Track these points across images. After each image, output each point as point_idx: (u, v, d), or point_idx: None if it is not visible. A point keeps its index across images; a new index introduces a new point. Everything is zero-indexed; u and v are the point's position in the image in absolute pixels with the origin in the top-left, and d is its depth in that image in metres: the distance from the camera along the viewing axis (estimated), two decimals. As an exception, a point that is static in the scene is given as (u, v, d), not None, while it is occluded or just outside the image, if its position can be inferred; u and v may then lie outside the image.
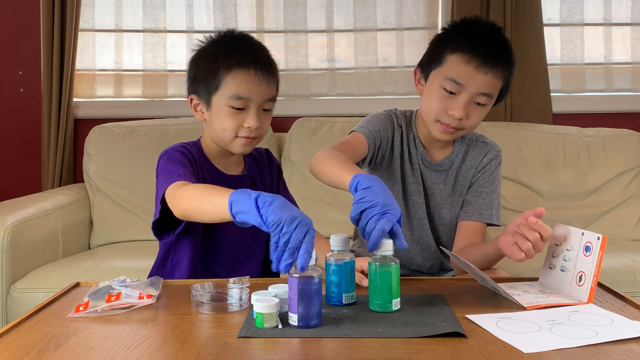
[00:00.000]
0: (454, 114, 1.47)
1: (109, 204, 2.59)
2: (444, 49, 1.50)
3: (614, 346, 0.94)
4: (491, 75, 1.46)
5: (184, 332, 1.02)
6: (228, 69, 1.38)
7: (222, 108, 1.39)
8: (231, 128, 1.39)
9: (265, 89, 1.40)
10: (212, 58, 1.41)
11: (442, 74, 1.49)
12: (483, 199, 1.60)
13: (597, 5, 2.92)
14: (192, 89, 1.46)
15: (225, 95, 1.38)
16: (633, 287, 2.02)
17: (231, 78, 1.38)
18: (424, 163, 1.62)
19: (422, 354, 0.91)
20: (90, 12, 2.89)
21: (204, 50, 1.46)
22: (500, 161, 1.64)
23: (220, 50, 1.41)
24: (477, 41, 1.46)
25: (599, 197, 2.60)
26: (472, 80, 1.46)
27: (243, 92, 1.38)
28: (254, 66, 1.38)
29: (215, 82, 1.39)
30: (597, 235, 1.16)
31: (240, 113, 1.39)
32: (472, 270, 1.23)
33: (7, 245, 2.00)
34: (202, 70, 1.43)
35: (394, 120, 1.61)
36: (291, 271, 1.03)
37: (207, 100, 1.42)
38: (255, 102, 1.39)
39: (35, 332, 1.03)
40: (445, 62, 1.49)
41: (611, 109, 2.90)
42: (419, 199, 1.62)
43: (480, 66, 1.45)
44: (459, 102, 1.46)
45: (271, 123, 2.66)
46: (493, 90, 1.49)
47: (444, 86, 1.48)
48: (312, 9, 2.92)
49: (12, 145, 2.88)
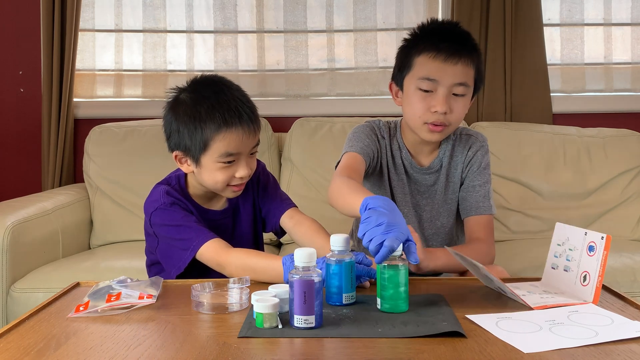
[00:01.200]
0: (437, 109, 1.50)
1: (109, 204, 2.58)
2: (410, 54, 1.55)
3: (614, 346, 0.94)
4: (461, 64, 1.51)
5: (184, 332, 1.02)
6: (216, 130, 1.37)
7: (212, 165, 1.40)
8: (223, 180, 1.41)
9: (253, 139, 1.42)
10: (195, 118, 1.38)
11: (415, 77, 1.53)
12: (477, 192, 1.61)
13: (597, 5, 2.91)
14: (175, 146, 1.44)
15: (214, 155, 1.39)
16: (633, 287, 2.02)
17: (219, 139, 1.37)
18: (413, 169, 1.64)
19: (422, 354, 0.91)
20: (90, 12, 2.88)
21: (181, 102, 1.42)
22: (487, 150, 1.66)
23: (202, 108, 1.38)
24: (439, 38, 1.52)
25: (599, 197, 2.60)
26: (444, 73, 1.50)
27: (233, 149, 1.39)
28: (241, 122, 1.38)
29: (202, 143, 1.38)
30: (601, 234, 1.15)
31: (230, 166, 1.41)
32: (478, 270, 1.23)
33: (7, 245, 2.00)
34: (187, 130, 1.39)
35: (377, 132, 1.64)
36: (291, 272, 1.03)
37: (195, 159, 1.41)
38: (245, 153, 1.41)
39: (35, 332, 1.03)
40: (414, 65, 1.54)
41: (611, 109, 2.90)
42: (405, 209, 1.65)
43: (448, 58, 1.50)
44: (439, 97, 1.50)
45: (271, 123, 2.71)
46: (467, 79, 1.53)
47: (419, 87, 1.52)
48: (312, 9, 2.92)
49: (12, 145, 2.88)
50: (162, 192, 1.45)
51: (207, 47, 2.91)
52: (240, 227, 1.55)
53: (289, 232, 1.55)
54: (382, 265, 1.11)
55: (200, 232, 1.39)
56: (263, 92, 2.92)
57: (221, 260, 1.36)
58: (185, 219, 1.41)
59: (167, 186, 1.47)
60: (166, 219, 1.42)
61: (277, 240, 2.59)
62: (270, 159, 2.63)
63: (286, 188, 2.57)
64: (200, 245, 1.37)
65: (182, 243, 1.39)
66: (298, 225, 1.51)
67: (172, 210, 1.42)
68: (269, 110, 2.85)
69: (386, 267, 1.10)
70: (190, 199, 1.49)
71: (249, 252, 1.37)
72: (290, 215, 1.53)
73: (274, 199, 1.57)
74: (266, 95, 2.92)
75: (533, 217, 2.57)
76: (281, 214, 1.54)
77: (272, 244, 2.56)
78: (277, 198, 1.57)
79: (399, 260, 1.11)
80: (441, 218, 1.66)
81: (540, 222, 2.56)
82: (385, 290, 1.10)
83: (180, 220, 1.41)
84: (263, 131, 2.64)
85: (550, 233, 1.28)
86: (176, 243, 1.40)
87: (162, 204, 1.43)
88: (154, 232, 1.45)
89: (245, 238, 1.55)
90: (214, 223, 1.48)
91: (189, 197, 1.49)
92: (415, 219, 1.66)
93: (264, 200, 1.57)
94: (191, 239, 1.38)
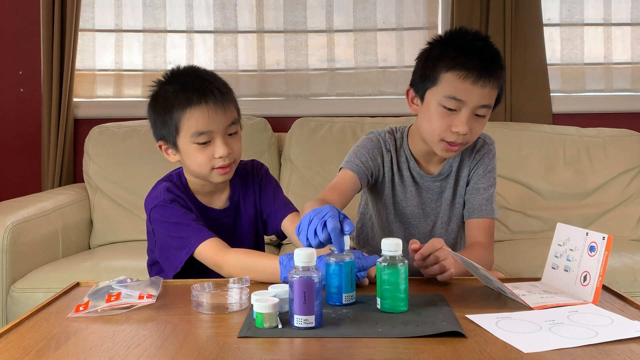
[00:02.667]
0: (459, 131, 1.46)
1: (109, 204, 2.58)
2: (436, 67, 1.48)
3: (614, 346, 0.94)
4: (489, 88, 1.46)
5: (184, 332, 1.02)
6: (182, 110, 1.40)
7: (188, 147, 1.42)
8: (204, 162, 1.42)
9: (223, 116, 1.42)
10: (164, 102, 1.44)
11: (439, 93, 1.47)
12: (482, 195, 1.61)
13: (597, 5, 2.91)
14: (157, 135, 1.49)
15: (187, 136, 1.41)
16: (633, 287, 2.02)
17: (186, 118, 1.40)
18: (422, 179, 1.62)
19: (422, 354, 0.91)
20: (90, 12, 2.88)
21: (157, 94, 1.48)
22: (494, 154, 1.64)
23: (169, 92, 1.43)
24: (468, 56, 1.45)
25: (599, 197, 2.60)
26: (471, 95, 1.45)
27: (202, 127, 1.40)
28: (205, 100, 1.40)
29: (172, 125, 1.42)
30: (603, 235, 1.15)
31: (207, 146, 1.42)
32: (477, 271, 1.23)
33: (7, 245, 2.00)
34: (160, 116, 1.45)
35: (382, 146, 1.61)
36: (291, 272, 1.03)
37: (173, 144, 1.45)
38: (218, 131, 1.41)
39: (35, 332, 1.03)
40: (440, 81, 1.47)
41: (611, 109, 2.89)
42: (415, 220, 1.64)
43: (477, 80, 1.44)
44: (462, 118, 1.46)
45: (271, 123, 2.71)
46: (491, 101, 1.49)
47: (443, 104, 1.46)
48: (312, 9, 2.91)
49: (12, 145, 2.88)
50: (163, 188, 1.45)
51: (207, 47, 2.91)
52: (241, 226, 1.55)
53: (289, 237, 1.55)
54: (382, 265, 1.11)
55: (198, 231, 1.39)
56: (263, 92, 2.92)
57: (219, 260, 1.36)
58: (184, 216, 1.42)
59: (169, 183, 1.48)
60: (165, 215, 1.42)
61: (278, 241, 2.59)
62: (270, 159, 2.63)
63: (286, 188, 2.57)
64: (198, 244, 1.37)
65: (179, 241, 1.39)
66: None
67: (171, 207, 1.42)
68: (269, 110, 2.85)
69: (386, 267, 1.10)
70: (192, 196, 1.50)
71: (247, 252, 1.37)
72: (291, 219, 1.53)
73: (276, 203, 1.57)
74: (266, 95, 2.92)
75: (533, 217, 2.57)
76: (283, 217, 1.54)
77: (273, 244, 2.56)
78: (279, 202, 1.57)
79: (399, 260, 1.11)
80: (451, 223, 1.66)
81: (540, 222, 2.56)
82: (385, 290, 1.10)
83: (179, 218, 1.41)
84: (263, 131, 2.67)
85: (550, 233, 1.28)
86: (173, 242, 1.40)
87: (161, 200, 1.43)
88: (153, 230, 1.45)
89: (246, 237, 1.55)
90: (214, 222, 1.49)
91: (191, 194, 1.50)
92: (429, 227, 1.65)
93: (266, 203, 1.57)
94: (188, 237, 1.38)
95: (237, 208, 1.55)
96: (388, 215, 1.64)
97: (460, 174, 1.63)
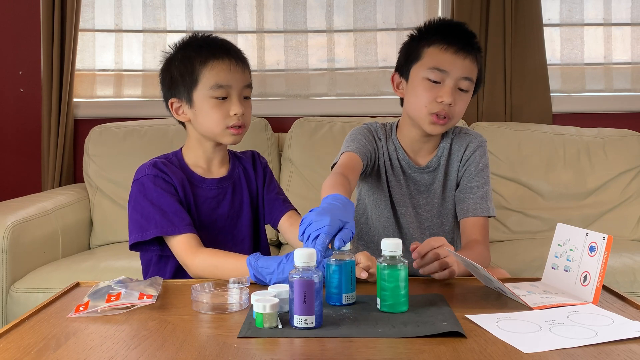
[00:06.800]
0: (444, 100, 1.52)
1: (109, 204, 2.59)
2: (419, 45, 1.58)
3: (614, 346, 0.94)
4: (469, 60, 1.54)
5: (184, 332, 1.02)
6: (204, 62, 1.43)
7: (205, 102, 1.43)
8: (218, 119, 1.43)
9: (242, 75, 1.46)
10: (185, 58, 1.46)
11: (423, 66, 1.55)
12: (475, 193, 1.61)
13: (597, 5, 2.92)
14: (169, 93, 1.49)
15: (205, 88, 1.43)
16: (633, 287, 2.02)
17: (208, 70, 1.43)
18: (410, 169, 1.64)
19: (422, 354, 0.91)
20: (90, 12, 2.89)
21: (174, 56, 1.49)
22: (485, 151, 1.66)
23: (191, 50, 1.46)
24: (449, 32, 1.56)
25: (599, 197, 2.60)
26: (454, 65, 1.53)
27: (222, 80, 1.42)
28: (228, 56, 1.44)
29: (193, 78, 1.44)
30: (603, 235, 1.15)
31: (223, 103, 1.43)
32: (477, 270, 1.23)
33: (7, 245, 2.00)
34: (178, 71, 1.46)
35: (374, 134, 1.65)
36: (291, 272, 1.03)
37: (188, 99, 1.45)
38: (236, 88, 1.44)
39: (35, 332, 1.03)
40: (423, 56, 1.56)
41: (611, 109, 2.90)
42: (402, 210, 1.65)
43: (459, 51, 1.53)
44: (446, 88, 1.52)
45: (271, 123, 2.71)
46: (472, 75, 1.56)
47: (428, 77, 1.54)
48: (312, 9, 2.92)
49: (12, 145, 2.88)
50: (150, 163, 1.46)
51: (207, 47, 2.91)
52: (240, 201, 1.54)
53: (284, 233, 1.57)
54: (382, 265, 1.11)
55: (170, 223, 1.39)
56: (263, 92, 2.92)
57: (186, 260, 1.37)
58: (162, 198, 1.41)
59: (160, 159, 1.48)
60: (143, 191, 1.42)
61: (277, 240, 2.59)
62: (270, 159, 2.63)
63: (286, 188, 2.57)
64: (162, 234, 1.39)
65: (145, 222, 1.40)
66: (293, 227, 1.51)
67: (152, 185, 1.42)
68: (269, 110, 2.85)
69: (386, 267, 1.10)
70: (189, 171, 1.49)
71: (215, 253, 1.37)
72: (289, 216, 1.55)
73: (277, 196, 1.58)
74: (266, 95, 2.92)
75: (533, 217, 2.57)
76: (282, 214, 1.55)
77: (273, 244, 2.56)
78: (279, 197, 1.59)
79: (399, 260, 1.11)
80: (441, 217, 1.67)
81: (540, 222, 2.56)
82: (385, 290, 1.10)
83: (157, 199, 1.41)
84: (263, 131, 2.67)
85: (550, 233, 1.28)
86: (141, 219, 1.41)
87: (145, 174, 1.44)
88: (132, 199, 1.45)
89: (245, 213, 1.55)
90: (211, 192, 1.49)
91: (188, 169, 1.50)
92: (415, 218, 1.66)
93: (269, 192, 1.58)
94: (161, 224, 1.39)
95: (236, 181, 1.55)
96: (385, 203, 1.66)
97: (449, 168, 1.65)
